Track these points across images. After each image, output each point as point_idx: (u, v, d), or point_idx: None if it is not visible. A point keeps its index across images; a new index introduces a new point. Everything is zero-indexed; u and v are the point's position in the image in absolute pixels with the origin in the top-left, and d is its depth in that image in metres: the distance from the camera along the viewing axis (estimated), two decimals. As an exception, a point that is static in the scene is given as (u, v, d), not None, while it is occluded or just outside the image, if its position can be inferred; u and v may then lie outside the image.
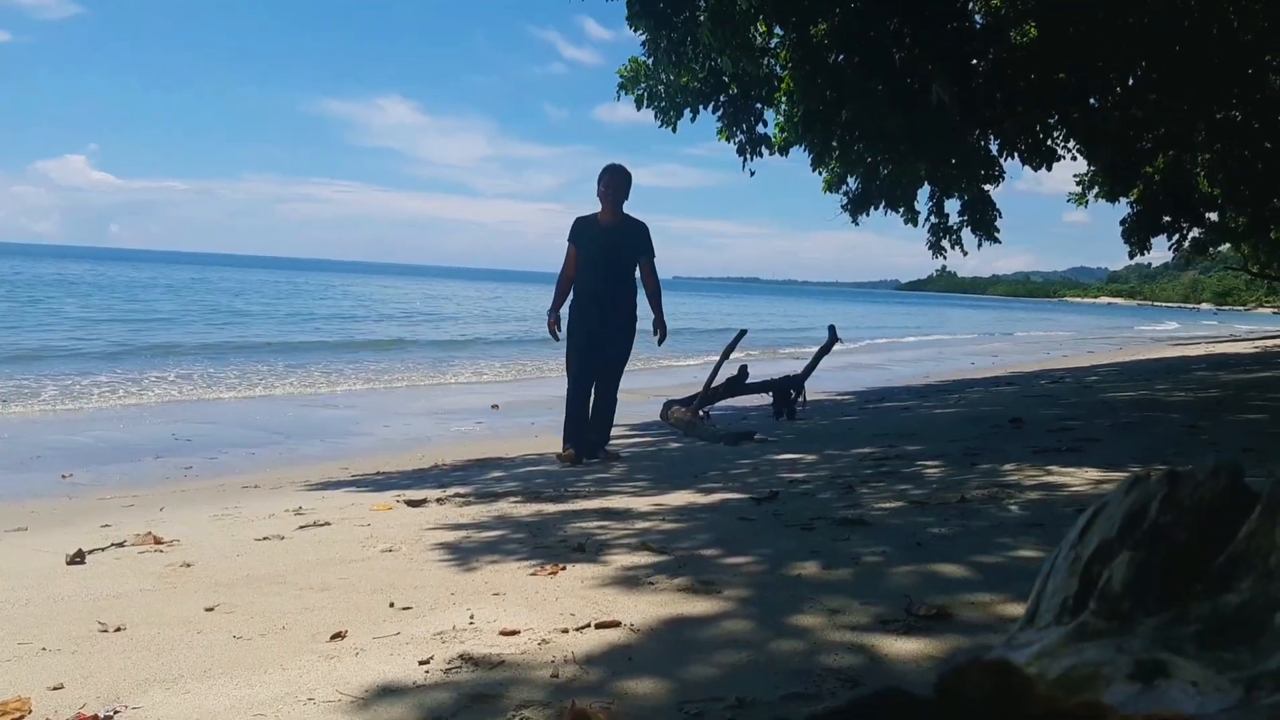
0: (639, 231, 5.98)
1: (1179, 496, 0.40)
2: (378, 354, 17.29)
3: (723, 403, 8.14)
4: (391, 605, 2.57)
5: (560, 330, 6.05)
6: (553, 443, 6.96)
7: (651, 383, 11.86)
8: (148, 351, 15.72)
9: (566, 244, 6.07)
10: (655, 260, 6.06)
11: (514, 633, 2.26)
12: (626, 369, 6.22)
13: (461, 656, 2.10)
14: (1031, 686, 0.29)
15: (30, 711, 1.87)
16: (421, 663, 2.07)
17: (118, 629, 2.42)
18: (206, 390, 11.32)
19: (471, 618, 2.40)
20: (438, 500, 4.41)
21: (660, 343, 6.12)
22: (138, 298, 32.96)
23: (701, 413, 7.35)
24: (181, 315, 25.78)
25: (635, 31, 9.27)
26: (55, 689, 2.00)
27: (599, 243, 5.91)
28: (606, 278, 5.89)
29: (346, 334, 22.59)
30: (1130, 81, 11.56)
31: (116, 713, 1.84)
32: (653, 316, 6.04)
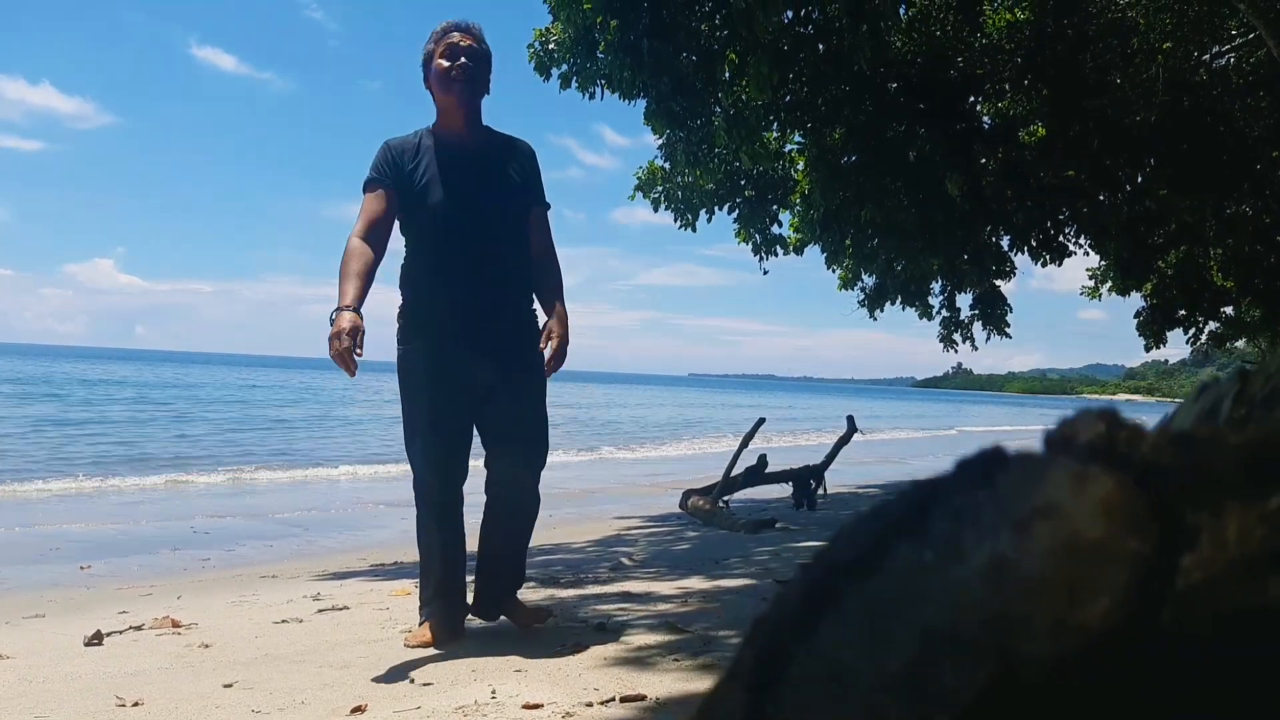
0: (520, 158, 3.15)
1: (1251, 392, 0.40)
2: (395, 444, 17.27)
3: (741, 494, 8.08)
4: (412, 681, 2.53)
5: (359, 353, 2.70)
6: (571, 533, 6.87)
7: (667, 470, 11.79)
8: (165, 449, 15.81)
9: (364, 193, 3.00)
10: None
11: (537, 706, 2.23)
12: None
13: (484, 729, 2.06)
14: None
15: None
16: (443, 734, 2.04)
17: (135, 704, 2.40)
18: (223, 483, 11.34)
19: (493, 693, 2.37)
20: (456, 586, 4.37)
21: (554, 366, 3.00)
22: (146, 397, 33.30)
23: (721, 502, 7.30)
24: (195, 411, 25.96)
25: (654, 135, 9.53)
26: (74, 759, 1.97)
27: (456, 181, 2.99)
28: (481, 252, 2.98)
29: (363, 425, 22.64)
30: (1139, 178, 11.76)
31: (136, 781, 1.82)
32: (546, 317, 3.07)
